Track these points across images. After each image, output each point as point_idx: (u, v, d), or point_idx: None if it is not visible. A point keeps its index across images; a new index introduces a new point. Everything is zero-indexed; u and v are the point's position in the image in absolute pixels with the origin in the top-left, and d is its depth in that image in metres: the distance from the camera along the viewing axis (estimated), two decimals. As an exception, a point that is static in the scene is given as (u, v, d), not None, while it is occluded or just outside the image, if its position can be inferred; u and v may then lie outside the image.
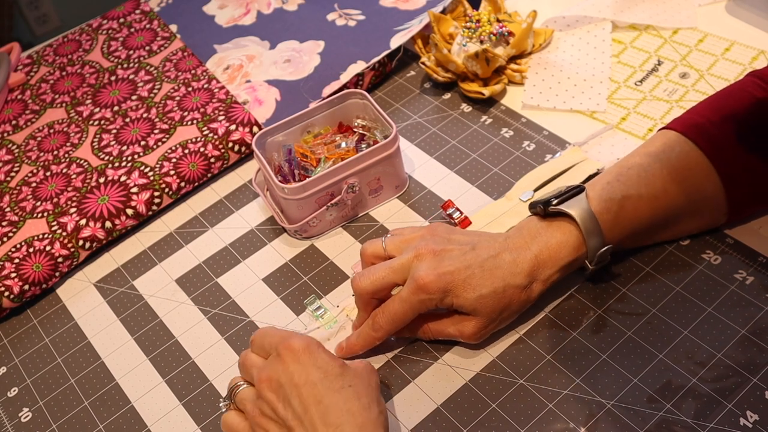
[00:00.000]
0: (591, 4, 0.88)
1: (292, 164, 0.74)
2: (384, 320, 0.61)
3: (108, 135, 0.86)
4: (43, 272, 0.74)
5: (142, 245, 0.78)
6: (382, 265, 0.62)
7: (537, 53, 0.86)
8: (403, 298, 0.60)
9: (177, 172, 0.80)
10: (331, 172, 0.70)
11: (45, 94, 0.94)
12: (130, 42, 0.98)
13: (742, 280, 0.63)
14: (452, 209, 0.72)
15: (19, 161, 0.86)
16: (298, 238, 0.74)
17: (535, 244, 0.61)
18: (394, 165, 0.73)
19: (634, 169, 0.63)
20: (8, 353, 0.72)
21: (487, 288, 0.59)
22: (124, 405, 0.65)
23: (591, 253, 0.61)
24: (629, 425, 0.56)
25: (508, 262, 0.60)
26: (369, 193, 0.74)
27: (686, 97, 0.78)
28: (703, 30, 0.84)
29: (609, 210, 0.61)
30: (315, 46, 0.90)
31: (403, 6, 0.93)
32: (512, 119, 0.80)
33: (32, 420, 0.66)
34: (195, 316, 0.71)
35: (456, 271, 0.59)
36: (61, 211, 0.78)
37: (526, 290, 0.60)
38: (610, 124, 0.76)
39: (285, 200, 0.71)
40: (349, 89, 0.77)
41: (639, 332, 0.61)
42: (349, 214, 0.74)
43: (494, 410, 0.59)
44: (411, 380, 0.62)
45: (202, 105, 0.86)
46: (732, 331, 0.60)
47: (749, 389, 0.57)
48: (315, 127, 0.77)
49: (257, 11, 0.98)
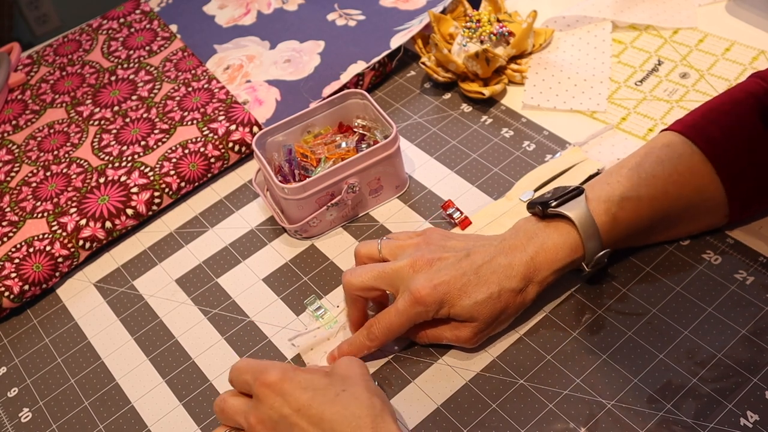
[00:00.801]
0: (591, 4, 0.88)
1: (292, 164, 0.74)
2: (379, 331, 0.61)
3: (108, 135, 0.86)
4: (43, 272, 0.74)
5: (142, 245, 0.78)
6: (375, 265, 0.62)
7: (537, 53, 0.86)
8: (399, 311, 0.60)
9: (177, 172, 0.80)
10: (331, 172, 0.70)
11: (45, 94, 0.94)
12: (130, 42, 0.98)
13: (742, 280, 0.63)
14: (452, 209, 0.72)
15: (19, 161, 0.86)
16: (298, 238, 0.74)
17: (531, 246, 0.61)
18: (395, 165, 0.73)
19: (633, 170, 0.63)
20: (8, 353, 0.72)
21: (482, 294, 0.59)
22: (124, 405, 0.65)
23: (589, 256, 0.61)
24: (629, 425, 0.56)
25: (504, 266, 0.60)
26: (369, 193, 0.74)
27: (686, 97, 0.78)
28: (703, 30, 0.84)
29: (608, 211, 0.61)
30: (315, 46, 0.90)
31: (403, 6, 0.93)
32: (512, 119, 0.80)
33: (32, 420, 0.66)
34: (195, 316, 0.70)
35: (452, 281, 0.59)
36: (61, 211, 0.78)
37: (521, 293, 0.60)
38: (611, 124, 0.76)
39: (285, 200, 0.71)
40: (349, 89, 0.77)
41: (639, 332, 0.61)
42: (350, 214, 0.74)
43: (494, 410, 0.59)
44: (411, 380, 0.62)
45: (202, 105, 0.86)
46: (732, 331, 0.60)
47: (749, 389, 0.57)
48: (315, 127, 0.77)
49: (257, 11, 0.98)
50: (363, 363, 0.58)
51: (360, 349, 0.62)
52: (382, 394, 0.55)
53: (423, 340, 0.63)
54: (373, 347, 0.62)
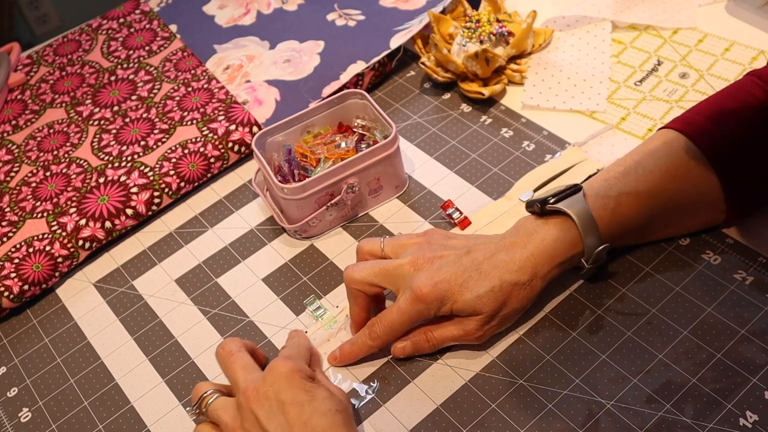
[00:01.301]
0: (591, 4, 0.88)
1: (291, 164, 0.74)
2: (381, 330, 0.61)
3: (108, 135, 0.86)
4: (42, 272, 0.74)
5: (142, 245, 0.78)
6: (377, 261, 0.62)
7: (537, 53, 0.86)
8: (401, 308, 0.60)
9: (177, 172, 0.80)
10: (331, 172, 0.70)
11: (45, 94, 0.94)
12: (130, 42, 0.98)
13: (741, 280, 0.63)
14: (452, 209, 0.72)
15: (18, 161, 0.86)
16: (297, 238, 0.74)
17: (532, 242, 0.61)
18: (394, 165, 0.73)
19: (632, 167, 0.63)
20: (8, 353, 0.72)
21: (484, 287, 0.59)
22: (123, 405, 0.65)
23: (588, 251, 0.61)
24: (629, 425, 0.56)
25: (504, 261, 0.60)
26: (369, 193, 0.74)
27: (686, 97, 0.78)
28: (703, 30, 0.84)
29: (606, 207, 0.61)
30: (315, 46, 0.90)
31: (403, 6, 0.93)
32: (512, 119, 0.80)
33: (32, 420, 0.66)
34: (195, 316, 0.70)
35: (452, 277, 0.59)
36: (60, 211, 0.78)
37: (525, 287, 0.60)
38: (610, 124, 0.76)
39: (285, 200, 0.71)
40: (349, 89, 0.77)
41: (639, 332, 0.61)
42: (349, 214, 0.74)
43: (494, 410, 0.59)
44: (411, 380, 0.62)
45: (201, 105, 0.86)
46: (732, 331, 0.60)
47: (749, 389, 0.57)
48: (315, 127, 0.77)
49: (257, 11, 0.98)
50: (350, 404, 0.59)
51: (362, 349, 0.62)
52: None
53: (431, 344, 0.62)
54: (375, 347, 0.62)
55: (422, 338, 0.62)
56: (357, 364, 0.64)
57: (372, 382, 0.63)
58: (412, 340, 0.62)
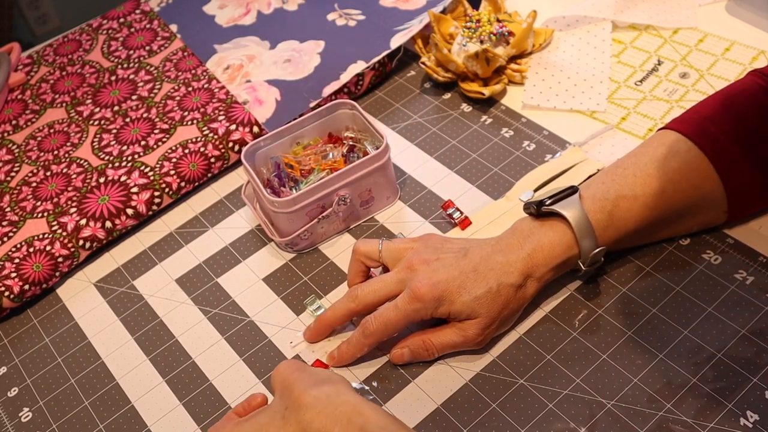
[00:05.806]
0: (591, 4, 0.88)
1: (281, 178, 0.73)
2: (376, 326, 0.61)
3: (108, 135, 0.86)
4: (43, 272, 0.74)
5: (142, 245, 0.78)
6: (380, 278, 0.63)
7: (537, 53, 0.86)
8: (398, 307, 0.60)
9: (177, 171, 0.80)
10: (321, 185, 0.69)
11: (45, 94, 0.94)
12: (130, 42, 0.98)
13: (742, 279, 0.63)
14: (452, 209, 0.72)
15: (19, 161, 0.86)
16: (289, 251, 0.73)
17: (528, 244, 0.61)
18: (386, 175, 0.73)
19: (630, 168, 0.63)
20: (8, 353, 0.72)
21: (481, 289, 0.59)
22: (124, 405, 0.65)
23: (584, 254, 0.61)
24: (629, 425, 0.56)
25: (501, 263, 0.60)
26: (360, 205, 0.73)
27: (686, 97, 0.78)
28: (703, 30, 0.84)
29: (603, 209, 0.61)
30: (315, 46, 0.90)
31: (403, 6, 0.93)
32: (512, 119, 0.80)
33: (32, 420, 0.66)
34: (195, 316, 0.71)
35: (450, 279, 0.59)
36: (61, 211, 0.78)
37: (521, 289, 0.60)
38: (610, 124, 0.76)
39: (275, 213, 0.70)
40: (338, 99, 0.77)
41: (639, 332, 0.61)
42: (341, 227, 0.74)
43: (494, 410, 0.59)
44: (411, 380, 0.62)
45: (202, 105, 0.86)
46: (732, 330, 0.60)
47: (749, 389, 0.57)
48: (304, 138, 0.76)
49: (257, 11, 0.98)
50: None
51: (357, 347, 0.62)
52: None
53: (430, 351, 0.62)
54: (369, 344, 0.62)
55: (421, 346, 0.62)
56: (357, 364, 0.64)
57: (372, 382, 0.63)
58: (411, 347, 0.62)
